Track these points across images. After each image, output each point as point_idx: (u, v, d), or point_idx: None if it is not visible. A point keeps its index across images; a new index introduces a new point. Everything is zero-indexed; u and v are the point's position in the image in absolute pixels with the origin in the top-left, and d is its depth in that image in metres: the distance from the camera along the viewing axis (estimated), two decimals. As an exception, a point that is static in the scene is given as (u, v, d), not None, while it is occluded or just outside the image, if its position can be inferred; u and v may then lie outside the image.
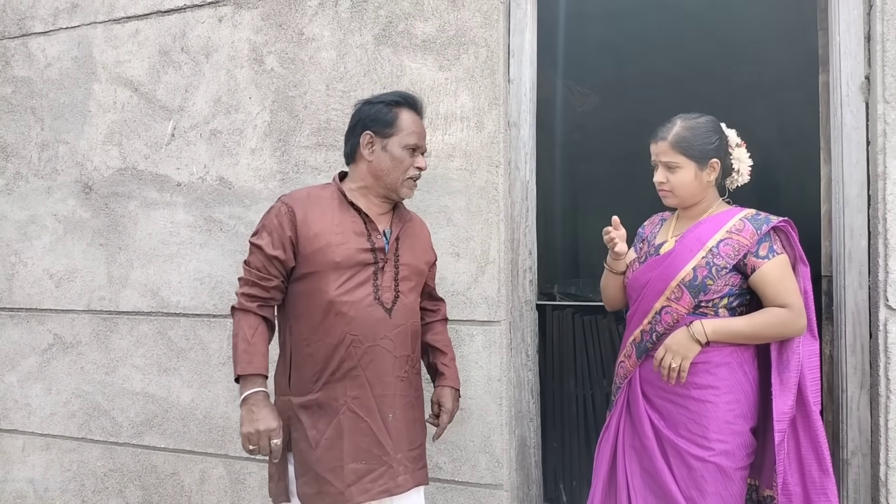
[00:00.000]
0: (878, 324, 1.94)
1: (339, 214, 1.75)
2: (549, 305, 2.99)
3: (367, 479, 1.67)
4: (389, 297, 1.74)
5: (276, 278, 1.74)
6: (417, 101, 1.83)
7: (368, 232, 1.75)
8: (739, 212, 1.79)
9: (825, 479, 1.74)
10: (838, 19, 2.02)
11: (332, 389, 1.70)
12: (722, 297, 1.75)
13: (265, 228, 1.75)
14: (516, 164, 2.34)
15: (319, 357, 1.70)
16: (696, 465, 1.73)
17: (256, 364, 1.69)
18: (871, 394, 1.98)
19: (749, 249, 1.72)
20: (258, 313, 1.74)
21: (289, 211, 1.74)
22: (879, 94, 1.94)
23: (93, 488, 2.85)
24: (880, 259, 1.93)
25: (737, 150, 1.86)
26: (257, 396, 1.67)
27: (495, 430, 2.29)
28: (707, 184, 1.82)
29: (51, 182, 2.92)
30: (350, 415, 1.69)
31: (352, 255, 1.71)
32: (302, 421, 1.71)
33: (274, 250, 1.71)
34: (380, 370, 1.71)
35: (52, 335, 2.92)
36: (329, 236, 1.71)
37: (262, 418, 1.65)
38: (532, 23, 2.34)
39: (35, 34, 2.96)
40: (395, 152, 1.76)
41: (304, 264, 1.72)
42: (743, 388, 1.77)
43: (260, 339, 1.72)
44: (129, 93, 2.80)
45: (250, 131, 2.61)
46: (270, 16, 2.59)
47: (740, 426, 1.76)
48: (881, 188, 1.93)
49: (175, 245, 2.72)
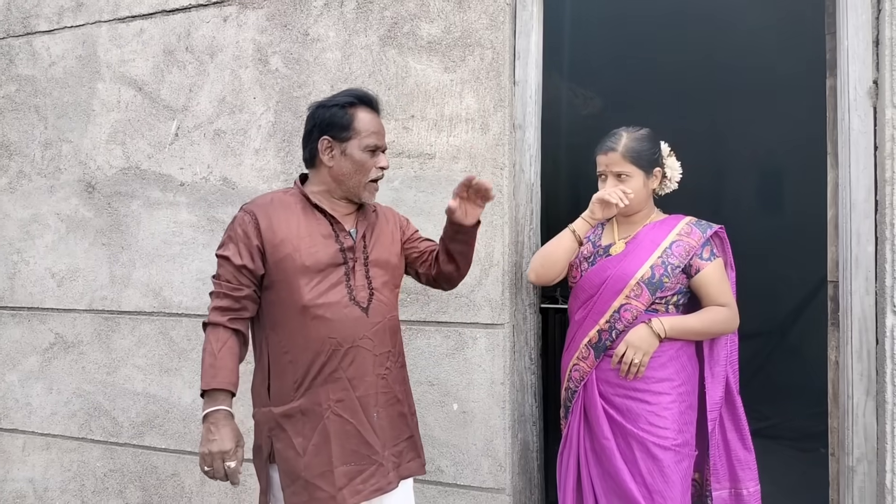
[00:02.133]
0: (885, 330, 1.93)
1: (304, 218, 1.72)
2: (551, 308, 2.98)
3: (357, 480, 1.66)
4: (364, 295, 1.72)
5: (247, 288, 1.69)
6: (373, 99, 1.78)
7: (336, 233, 1.72)
8: (683, 218, 1.98)
9: (748, 455, 1.99)
10: (846, 23, 2.01)
11: (314, 395, 1.66)
12: (674, 295, 1.92)
13: (231, 239, 1.71)
14: (521, 167, 2.33)
15: (300, 364, 1.67)
16: (660, 454, 1.83)
17: (221, 378, 1.62)
18: (877, 400, 1.97)
19: (696, 252, 1.90)
20: (228, 326, 1.68)
21: (252, 219, 1.70)
22: (888, 99, 1.93)
23: (93, 488, 2.84)
24: (887, 265, 1.92)
25: (668, 159, 2.02)
26: (217, 415, 1.61)
27: (498, 434, 2.28)
28: (651, 191, 2.00)
29: (54, 181, 2.92)
30: (335, 418, 1.66)
31: (321, 258, 1.68)
32: (286, 430, 1.67)
33: (242, 260, 1.68)
34: (361, 370, 1.69)
35: (53, 334, 2.91)
36: (295, 241, 1.68)
37: (217, 439, 1.59)
38: (538, 25, 2.33)
39: (40, 33, 2.96)
40: (356, 155, 1.72)
41: (274, 271, 1.69)
42: (692, 380, 1.95)
43: (227, 354, 1.66)
44: (133, 92, 2.80)
45: (254, 132, 2.60)
46: (275, 16, 2.58)
47: (691, 416, 1.94)
48: (889, 193, 1.92)
49: (178, 245, 2.71)
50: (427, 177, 2.36)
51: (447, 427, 2.33)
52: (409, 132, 2.38)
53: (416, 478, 2.35)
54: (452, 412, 2.32)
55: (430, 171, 2.36)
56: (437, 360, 2.32)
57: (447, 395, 2.32)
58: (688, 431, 1.90)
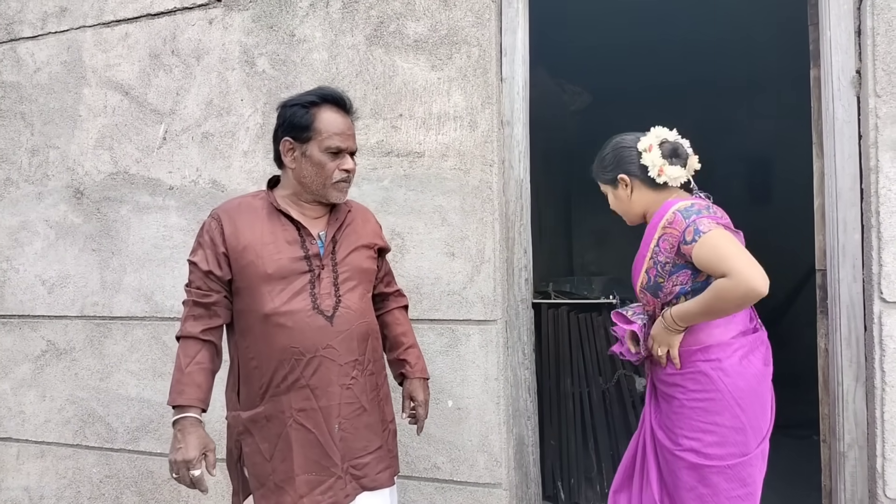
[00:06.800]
0: (873, 317, 1.95)
1: (268, 223, 1.67)
2: (543, 304, 2.99)
3: (317, 490, 1.64)
4: (330, 303, 1.66)
5: (216, 293, 1.66)
6: (339, 98, 1.69)
7: (302, 238, 1.67)
8: (675, 203, 1.80)
9: None
10: (829, 14, 2.03)
11: (277, 402, 1.64)
12: (677, 297, 1.78)
13: (200, 245, 1.69)
14: (510, 163, 2.34)
15: (265, 371, 1.65)
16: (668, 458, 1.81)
17: (187, 395, 1.60)
18: (866, 386, 1.99)
19: (679, 239, 1.73)
20: (200, 338, 1.66)
21: (218, 225, 1.67)
22: (871, 89, 1.95)
23: (89, 495, 2.83)
24: (874, 252, 1.94)
25: (645, 155, 1.86)
26: (184, 422, 1.59)
27: (493, 429, 2.29)
28: (629, 196, 1.88)
29: (42, 187, 2.90)
30: (297, 427, 1.64)
31: (284, 265, 1.63)
32: (253, 434, 1.66)
33: (209, 265, 1.65)
34: (324, 380, 1.65)
35: (45, 342, 2.89)
36: (258, 248, 1.64)
37: (182, 447, 1.56)
38: (524, 21, 2.34)
39: (24, 39, 2.94)
40: (315, 157, 1.65)
41: (238, 278, 1.66)
42: (717, 387, 1.74)
43: (196, 369, 1.63)
44: (119, 96, 2.79)
45: (242, 133, 2.60)
46: (261, 17, 2.58)
47: (712, 424, 1.74)
48: (873, 182, 1.94)
49: (168, 249, 2.70)
50: (417, 175, 2.37)
51: (442, 424, 2.34)
52: (397, 131, 2.39)
53: (413, 476, 2.37)
54: (447, 409, 2.33)
55: (419, 170, 2.36)
56: (430, 358, 2.32)
57: (442, 392, 2.33)
58: (704, 440, 1.77)
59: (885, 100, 1.93)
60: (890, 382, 1.92)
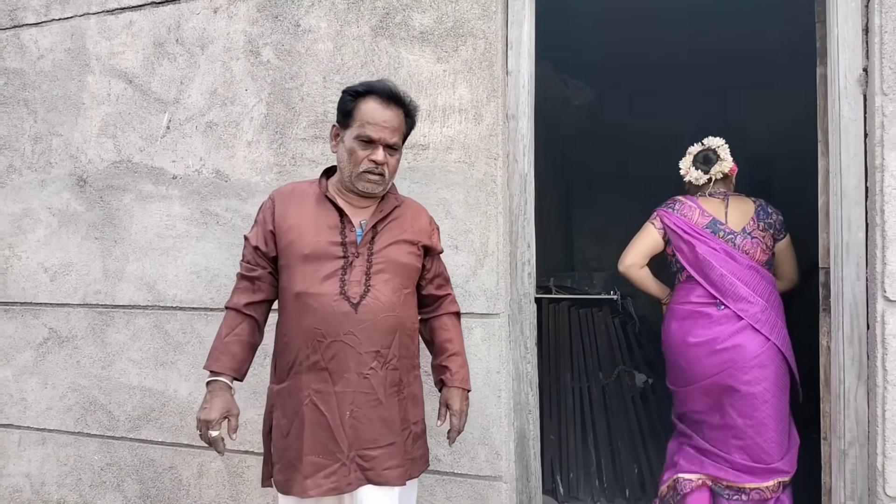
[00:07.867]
0: (876, 315, 1.95)
1: (315, 208, 1.76)
2: (545, 298, 2.99)
3: (321, 473, 1.66)
4: (357, 291, 1.69)
5: (261, 269, 1.78)
6: (387, 91, 1.71)
7: (343, 225, 1.73)
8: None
9: None
10: (836, 11, 2.02)
11: (298, 380, 1.70)
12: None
13: (256, 223, 1.82)
14: (515, 157, 2.34)
15: (292, 347, 1.72)
16: None
17: (222, 363, 1.73)
18: (868, 385, 2.00)
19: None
20: (243, 311, 1.77)
21: (271, 205, 1.79)
22: (877, 87, 1.94)
23: (90, 482, 2.84)
24: (878, 251, 1.94)
25: (683, 160, 2.68)
26: (214, 385, 1.72)
27: (494, 423, 2.30)
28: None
29: (45, 175, 2.90)
30: (312, 407, 1.68)
31: (321, 247, 1.70)
32: (278, 409, 1.74)
33: (257, 241, 1.78)
34: (341, 366, 1.67)
35: (47, 329, 2.90)
36: (302, 228, 1.73)
37: (208, 407, 1.69)
38: (530, 14, 2.33)
39: (27, 25, 2.93)
40: (348, 144, 1.71)
41: (282, 256, 1.76)
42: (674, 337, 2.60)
43: (234, 340, 1.75)
44: (123, 85, 2.78)
45: (246, 123, 2.59)
46: (266, 7, 2.57)
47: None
48: (879, 180, 1.94)
49: (171, 238, 2.70)
50: (421, 167, 2.36)
51: (444, 416, 2.34)
52: (402, 123, 2.38)
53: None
54: (449, 402, 2.33)
55: (424, 162, 2.36)
56: (432, 351, 2.32)
57: (443, 384, 2.33)
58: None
59: (891, 98, 1.93)
60: (892, 381, 1.92)
